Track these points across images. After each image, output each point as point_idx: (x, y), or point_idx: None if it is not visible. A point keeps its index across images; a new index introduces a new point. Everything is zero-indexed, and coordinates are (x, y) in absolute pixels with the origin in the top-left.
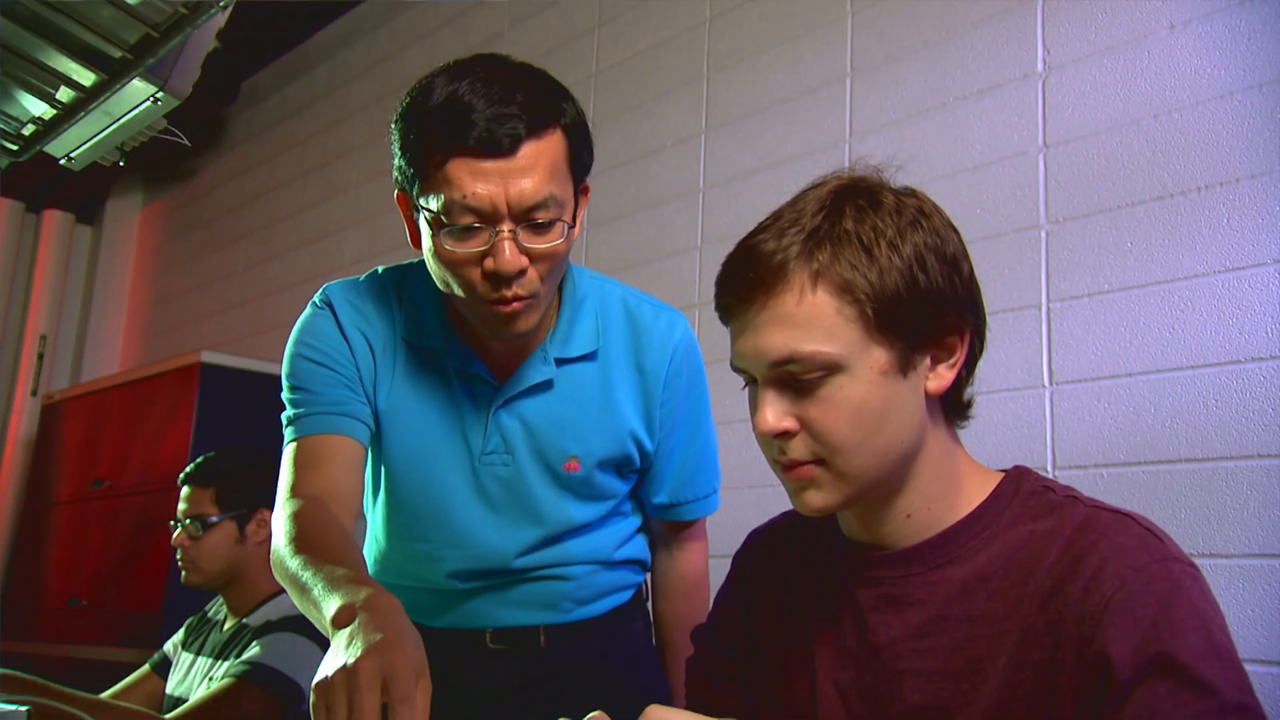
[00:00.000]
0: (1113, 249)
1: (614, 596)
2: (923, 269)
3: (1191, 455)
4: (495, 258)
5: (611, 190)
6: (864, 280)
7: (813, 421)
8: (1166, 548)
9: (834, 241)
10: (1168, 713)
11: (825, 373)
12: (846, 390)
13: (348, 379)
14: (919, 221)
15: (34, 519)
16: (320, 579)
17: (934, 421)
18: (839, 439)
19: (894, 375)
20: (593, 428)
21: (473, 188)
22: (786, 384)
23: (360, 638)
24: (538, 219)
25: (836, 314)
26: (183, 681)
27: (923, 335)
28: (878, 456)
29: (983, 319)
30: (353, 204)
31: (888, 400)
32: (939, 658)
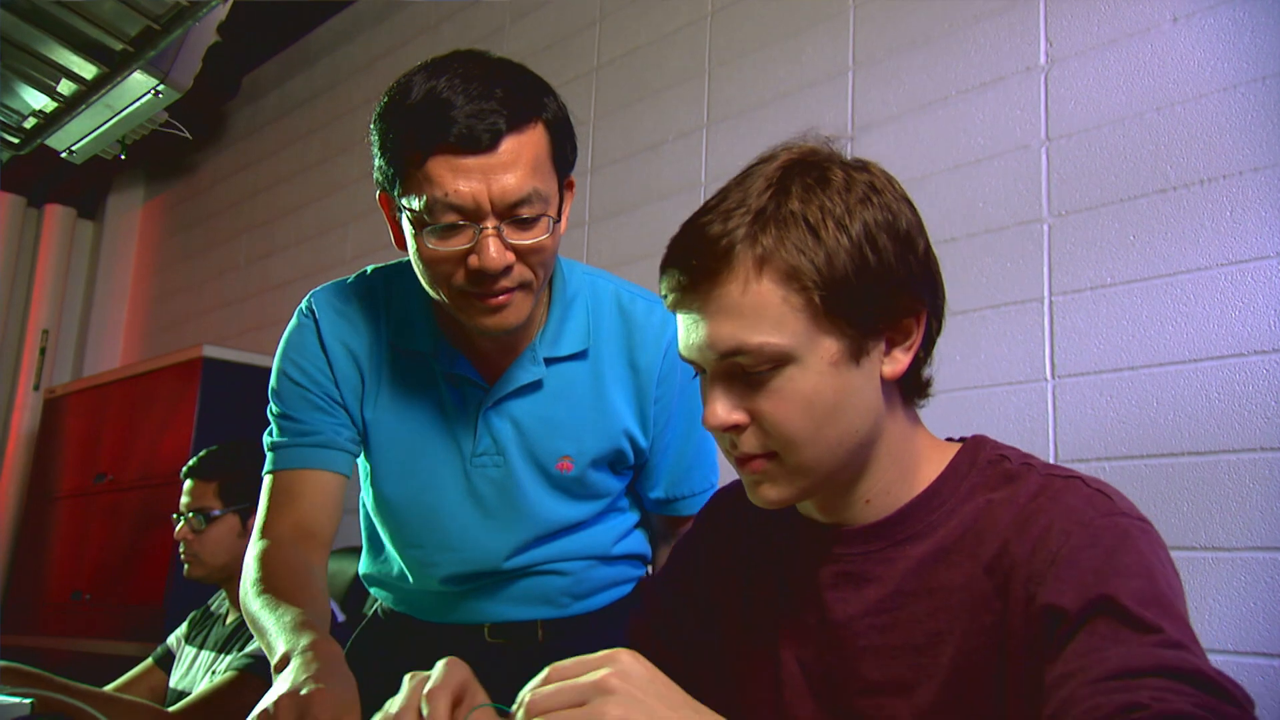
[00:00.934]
0: (1115, 242)
1: (613, 591)
2: (873, 248)
3: (1194, 449)
4: (480, 255)
5: (613, 185)
6: (810, 265)
7: (763, 414)
8: (1115, 504)
9: (779, 224)
10: (1107, 648)
11: (774, 364)
12: (797, 382)
13: (327, 402)
14: (869, 198)
15: (36, 513)
16: (272, 622)
17: (891, 406)
18: (790, 432)
19: (846, 364)
20: (585, 427)
21: (454, 185)
22: (735, 376)
23: (289, 680)
24: (522, 215)
25: (783, 303)
26: (186, 675)
27: (875, 320)
28: (832, 448)
29: (941, 297)
30: (354, 199)
31: (840, 390)
32: (899, 633)
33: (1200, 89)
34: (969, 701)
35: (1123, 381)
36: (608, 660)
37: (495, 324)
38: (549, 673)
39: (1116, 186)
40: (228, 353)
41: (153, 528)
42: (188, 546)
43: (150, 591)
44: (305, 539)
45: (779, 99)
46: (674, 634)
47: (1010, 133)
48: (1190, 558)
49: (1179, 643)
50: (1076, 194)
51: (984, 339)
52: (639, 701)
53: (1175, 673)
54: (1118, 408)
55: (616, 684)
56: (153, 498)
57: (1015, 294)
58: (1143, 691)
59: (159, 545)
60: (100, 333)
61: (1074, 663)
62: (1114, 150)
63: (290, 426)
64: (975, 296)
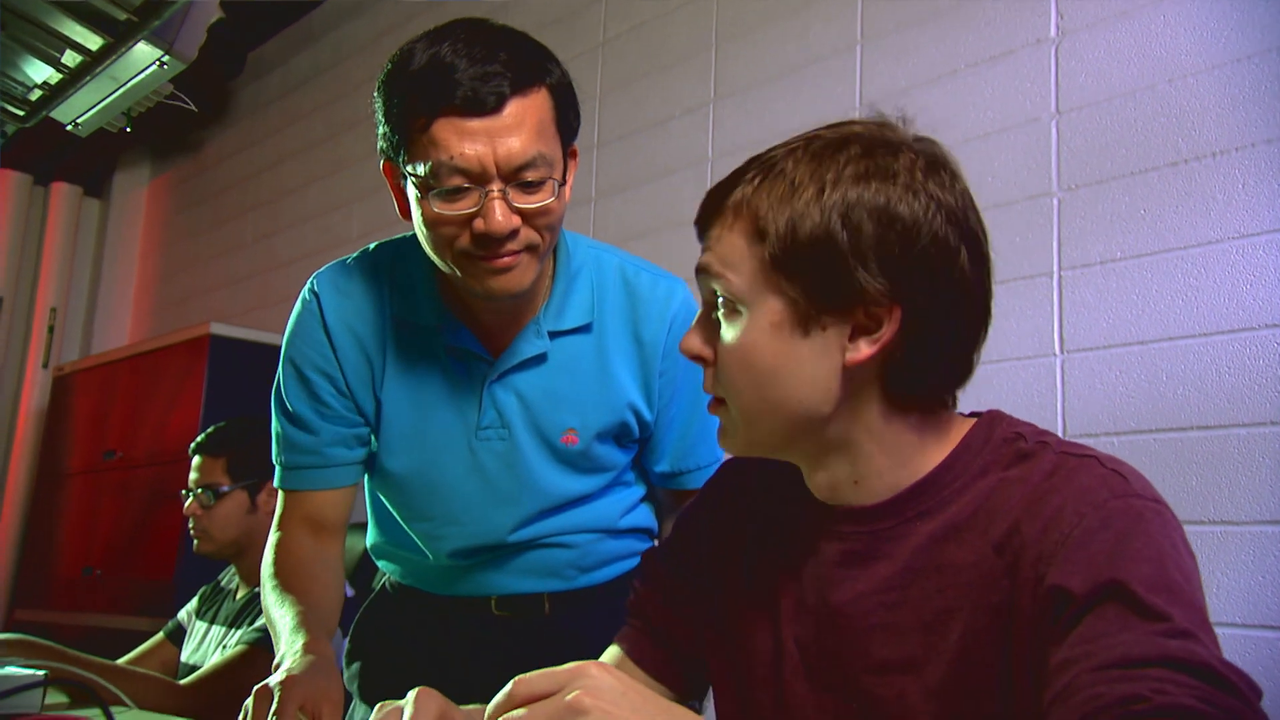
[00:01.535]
0: (1126, 216)
1: (620, 564)
2: (847, 225)
3: (1203, 423)
4: (485, 219)
5: (619, 161)
6: (773, 222)
7: (719, 355)
8: (1130, 485)
9: (769, 177)
10: (1113, 634)
11: (730, 307)
12: (743, 335)
13: (334, 397)
14: (870, 178)
15: (47, 490)
16: (277, 621)
17: (861, 394)
18: (729, 378)
19: (790, 330)
20: (589, 400)
21: (460, 148)
22: (712, 308)
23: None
24: (527, 178)
25: (745, 250)
26: (197, 649)
27: (830, 297)
28: (771, 410)
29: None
30: (359, 177)
31: (780, 355)
32: (907, 610)
33: (1214, 60)
34: (976, 680)
35: (1132, 356)
36: (577, 676)
37: (501, 286)
38: (514, 689)
39: (1127, 160)
40: (235, 330)
41: (162, 504)
42: (197, 522)
43: (160, 567)
44: (317, 530)
45: (786, 74)
46: (676, 605)
47: (1020, 106)
48: (1199, 532)
49: (1186, 631)
50: (1087, 168)
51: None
52: (614, 718)
53: (1179, 663)
54: (1127, 382)
55: (589, 703)
56: (162, 474)
57: (1024, 269)
58: (1144, 682)
59: (169, 521)
60: (108, 310)
61: (1078, 648)
62: (1125, 123)
63: (298, 440)
64: None
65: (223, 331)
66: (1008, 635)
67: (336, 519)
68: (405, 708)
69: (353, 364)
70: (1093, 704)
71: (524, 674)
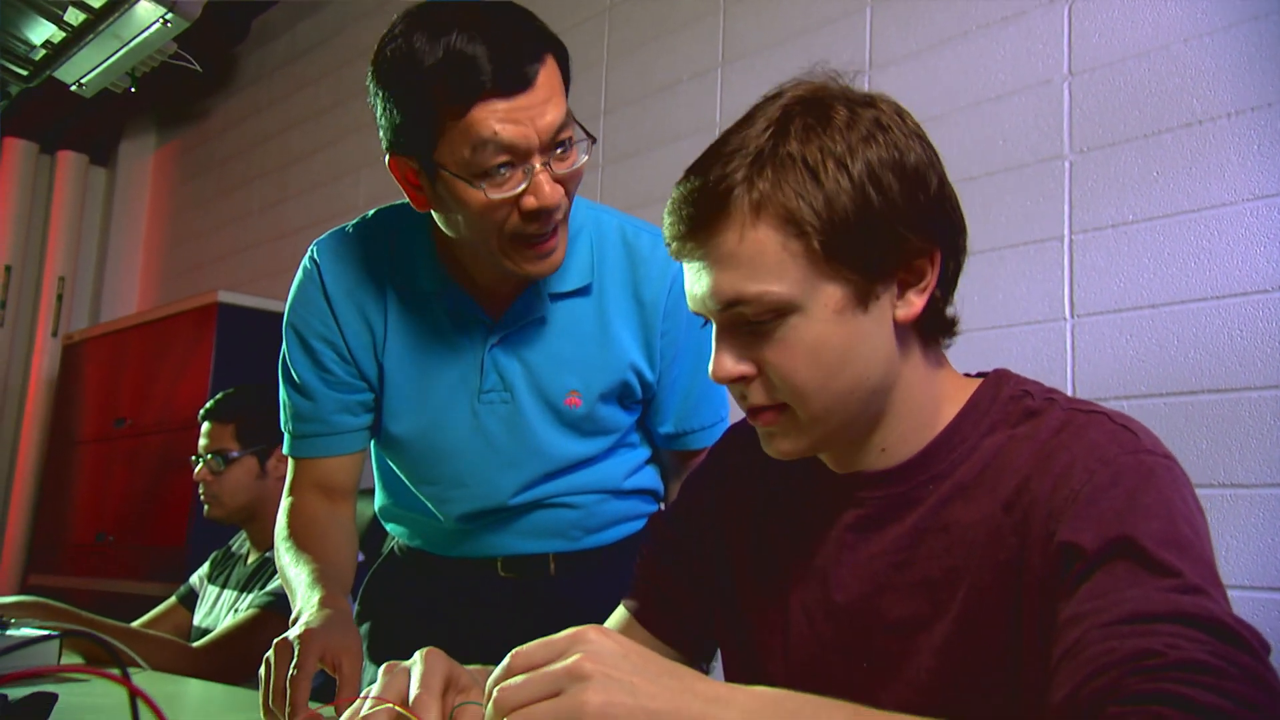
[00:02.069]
0: (1138, 179)
1: (625, 525)
2: (877, 188)
3: (1214, 386)
4: (537, 194)
5: (626, 126)
6: (809, 209)
7: (770, 365)
8: (1139, 440)
9: (777, 166)
10: (1124, 590)
11: (777, 314)
12: (801, 331)
13: (338, 363)
14: (874, 136)
15: (59, 457)
16: (292, 579)
17: (907, 351)
18: (797, 383)
19: (853, 310)
20: (591, 361)
21: (504, 128)
22: (741, 326)
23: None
24: (561, 138)
25: (782, 250)
26: (209, 613)
27: (882, 263)
28: (842, 397)
29: (960, 233)
30: (365, 144)
31: (848, 338)
32: (916, 570)
33: (1229, 19)
34: (983, 637)
35: (1143, 320)
36: (576, 642)
37: (546, 268)
38: (512, 660)
39: (1141, 121)
40: (242, 298)
41: (173, 471)
42: (207, 488)
43: (172, 533)
44: (329, 494)
45: (795, 37)
46: (683, 568)
47: (1032, 68)
48: (1209, 495)
49: (1197, 587)
50: (1099, 129)
51: (1002, 279)
52: (617, 681)
53: (1191, 619)
54: (1137, 346)
55: (590, 667)
56: (172, 442)
57: (1035, 233)
58: (1157, 638)
59: (180, 488)
60: (116, 279)
61: (1089, 603)
62: (1138, 84)
63: (303, 408)
64: (994, 236)
65: (230, 299)
66: (1016, 592)
67: (347, 483)
68: (412, 668)
69: (354, 330)
70: (1105, 659)
71: (521, 646)
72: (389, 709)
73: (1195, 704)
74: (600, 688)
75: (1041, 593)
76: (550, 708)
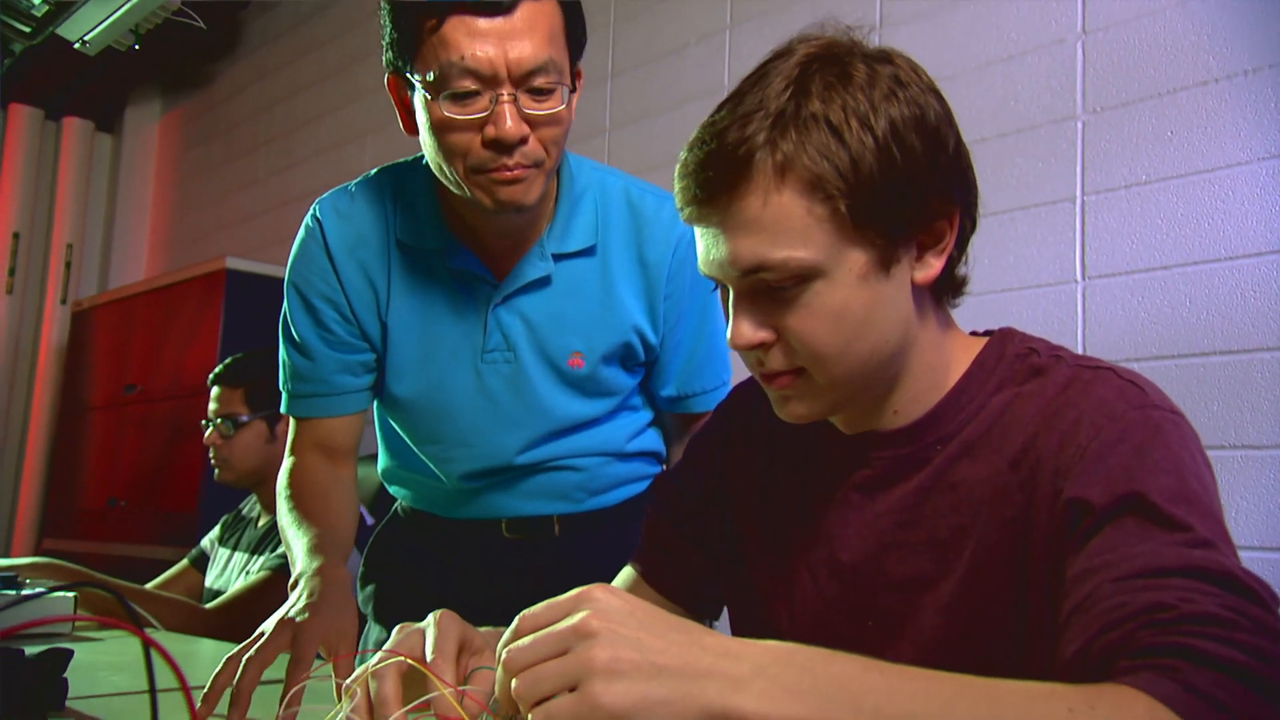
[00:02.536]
0: (1152, 138)
1: (628, 487)
2: (901, 148)
3: (1227, 347)
4: (496, 124)
5: (633, 90)
6: (834, 172)
7: (790, 331)
8: (1147, 396)
9: (800, 127)
10: (1134, 545)
11: (800, 280)
12: (824, 297)
13: (339, 323)
14: (895, 92)
15: (70, 424)
16: (293, 542)
17: (923, 313)
18: (818, 348)
19: (876, 275)
20: (594, 323)
21: (471, 49)
22: (760, 292)
23: (291, 604)
24: (537, 83)
25: (807, 214)
26: (221, 575)
27: (906, 226)
28: (863, 362)
29: (973, 193)
30: (371, 109)
31: (871, 303)
32: (922, 529)
33: None
34: (988, 594)
35: (1155, 281)
36: (582, 601)
37: (509, 196)
38: (520, 623)
39: (1155, 80)
40: (250, 264)
41: (184, 437)
42: (217, 452)
43: (183, 498)
44: (330, 454)
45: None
46: (689, 528)
47: (1045, 27)
48: (1221, 457)
49: (1208, 541)
50: (1113, 89)
51: (1013, 241)
52: (625, 638)
53: (1203, 573)
54: (1149, 308)
55: (597, 625)
56: (182, 408)
57: (1046, 194)
58: (1169, 591)
59: (190, 453)
60: (124, 246)
61: (1098, 559)
62: (1153, 42)
63: (304, 368)
64: (1005, 198)
65: (238, 266)
66: (1022, 549)
67: (348, 443)
68: (426, 629)
69: (357, 289)
70: (1116, 613)
71: (529, 608)
72: (401, 662)
73: (1208, 656)
74: (608, 644)
75: (1048, 549)
76: (558, 666)
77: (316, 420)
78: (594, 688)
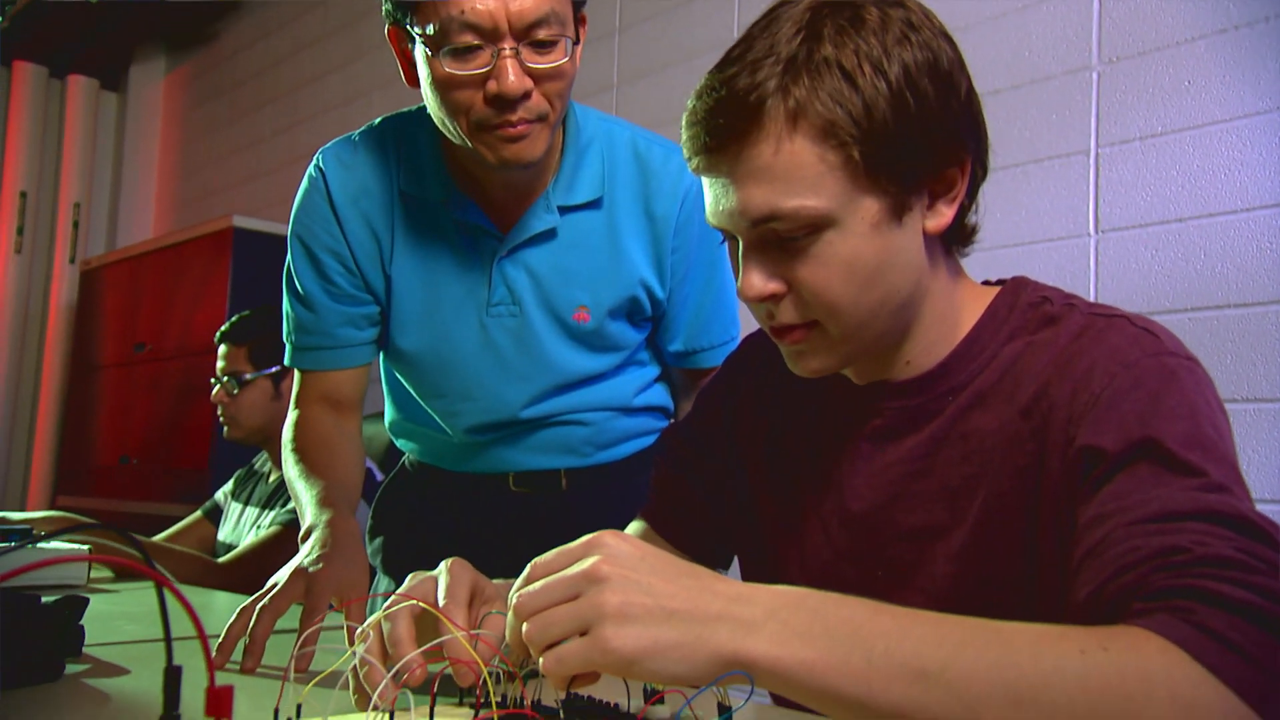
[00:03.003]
0: (1169, 89)
1: (635, 442)
2: (914, 93)
3: (1240, 300)
4: (498, 79)
5: (641, 45)
6: (847, 118)
7: (802, 282)
8: (1161, 343)
9: (812, 73)
10: (1148, 490)
11: (812, 229)
12: (836, 247)
13: (343, 275)
14: (907, 37)
15: (81, 382)
16: (302, 494)
17: (934, 262)
18: (831, 299)
19: (888, 224)
20: (600, 277)
21: (471, 2)
22: (770, 243)
23: (303, 555)
24: (539, 36)
25: (820, 162)
26: (233, 530)
27: (918, 173)
28: (875, 312)
29: (984, 139)
30: (377, 66)
31: (883, 252)
32: (934, 479)
33: None
34: (999, 543)
35: (1169, 234)
36: (592, 546)
37: (513, 154)
38: (531, 570)
39: (1173, 28)
40: (257, 223)
41: (194, 395)
42: (224, 410)
43: (195, 456)
44: (335, 406)
45: None
46: (699, 479)
47: None
48: (1233, 410)
49: (1222, 485)
50: (1130, 38)
51: (1025, 195)
52: (635, 583)
53: (1217, 516)
54: (1162, 261)
55: (608, 570)
56: (192, 366)
57: (1060, 147)
58: (1183, 535)
59: (201, 412)
60: (131, 205)
61: (1112, 504)
62: None
63: (307, 321)
64: (1018, 151)
65: (245, 224)
66: (1034, 497)
67: (353, 396)
68: (439, 575)
69: (360, 240)
70: (1130, 556)
71: (540, 556)
72: (414, 605)
73: (1221, 598)
74: (618, 589)
75: (1060, 497)
76: (569, 610)
77: (321, 373)
78: (605, 632)
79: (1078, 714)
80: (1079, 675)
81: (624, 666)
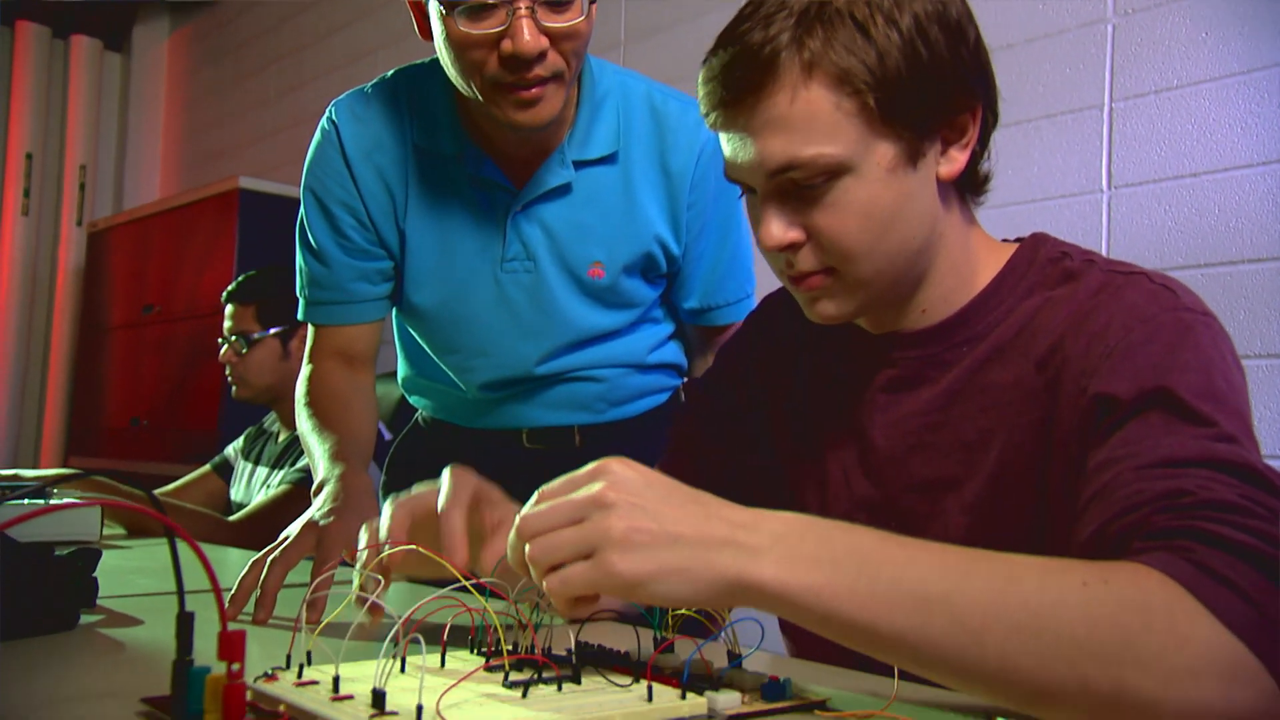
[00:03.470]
0: (1185, 41)
1: (649, 399)
2: (925, 42)
3: (1255, 255)
4: (514, 38)
5: (649, 2)
6: (862, 66)
7: (820, 230)
8: (1179, 298)
9: (825, 24)
10: (1158, 437)
11: (829, 176)
12: (853, 193)
13: (355, 229)
14: None
15: (90, 344)
16: (315, 448)
17: (947, 208)
18: (849, 245)
19: (903, 169)
20: (615, 233)
21: None
22: (788, 192)
23: (316, 508)
24: None
25: (835, 110)
26: (245, 490)
27: (931, 119)
28: (891, 258)
29: (994, 88)
30: (382, 24)
31: (899, 197)
32: (949, 431)
33: None
34: (1012, 495)
35: (1183, 189)
36: (599, 473)
37: (529, 118)
38: (538, 495)
39: None
40: (264, 184)
41: (203, 356)
42: (233, 369)
43: (204, 417)
44: (349, 361)
45: None
46: (720, 433)
47: None
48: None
49: (1231, 436)
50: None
51: (1038, 150)
52: (641, 509)
53: (1223, 464)
54: (1176, 217)
55: (614, 496)
56: (201, 327)
57: (1073, 101)
58: (1188, 479)
59: (210, 373)
60: (137, 166)
61: (1121, 449)
62: None
63: (320, 275)
64: (1030, 106)
65: (251, 185)
66: (1047, 449)
67: (366, 350)
68: (442, 484)
69: (374, 194)
70: (1134, 498)
71: (547, 483)
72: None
73: (1221, 539)
74: (624, 514)
75: (1072, 446)
76: (574, 533)
77: (334, 328)
78: (609, 556)
79: (1078, 643)
80: (1080, 606)
81: (628, 590)
